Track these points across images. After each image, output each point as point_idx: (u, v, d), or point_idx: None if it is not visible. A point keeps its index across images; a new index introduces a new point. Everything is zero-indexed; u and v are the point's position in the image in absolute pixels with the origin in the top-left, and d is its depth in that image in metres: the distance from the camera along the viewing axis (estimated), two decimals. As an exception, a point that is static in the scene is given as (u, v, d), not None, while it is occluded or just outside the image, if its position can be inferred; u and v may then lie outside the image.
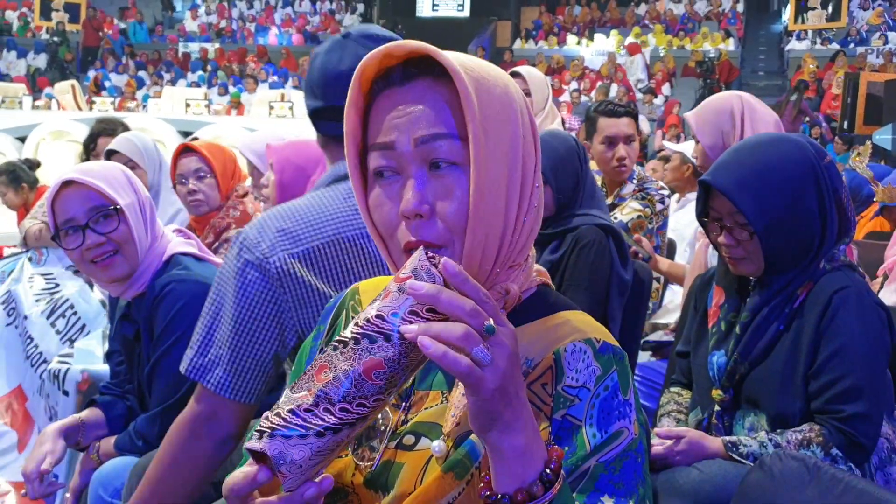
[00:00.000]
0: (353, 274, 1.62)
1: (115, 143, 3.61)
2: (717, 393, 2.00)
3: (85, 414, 2.33)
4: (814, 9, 18.81)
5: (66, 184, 2.11)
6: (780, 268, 1.92)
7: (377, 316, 0.83)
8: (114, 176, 2.16)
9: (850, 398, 1.79)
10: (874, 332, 1.84)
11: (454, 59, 0.97)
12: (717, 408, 2.01)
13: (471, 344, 0.81)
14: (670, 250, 4.27)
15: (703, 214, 2.02)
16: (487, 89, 0.98)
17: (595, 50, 20.52)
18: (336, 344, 0.84)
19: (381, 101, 1.02)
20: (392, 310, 0.83)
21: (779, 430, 1.86)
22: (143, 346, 2.21)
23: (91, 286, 3.80)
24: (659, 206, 3.55)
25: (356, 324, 0.84)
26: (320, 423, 0.83)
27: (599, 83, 16.97)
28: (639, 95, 17.05)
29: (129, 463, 2.13)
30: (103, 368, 2.72)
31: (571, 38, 21.53)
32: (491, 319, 0.83)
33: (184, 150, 3.29)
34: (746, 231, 1.90)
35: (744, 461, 1.81)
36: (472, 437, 0.98)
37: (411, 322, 0.82)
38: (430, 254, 0.87)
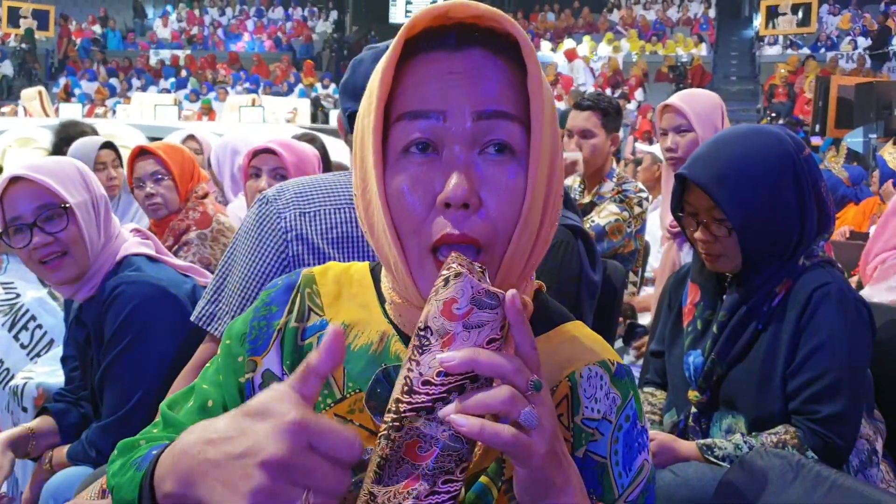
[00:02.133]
0: (358, 241, 1.69)
1: None
2: (693, 394, 1.93)
3: (35, 423, 2.22)
4: (784, 14, 18.99)
5: (16, 180, 2.00)
6: (758, 264, 1.85)
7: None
8: (66, 172, 2.06)
9: (828, 398, 1.73)
10: (855, 330, 1.78)
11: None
12: (693, 409, 1.94)
13: (517, 408, 0.70)
14: (644, 253, 4.23)
15: (678, 209, 1.95)
16: (544, 75, 0.86)
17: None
18: (410, 415, 0.72)
19: (426, 64, 0.85)
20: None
21: (754, 433, 1.79)
22: (93, 350, 2.11)
23: (53, 296, 3.70)
24: (637, 210, 3.48)
25: (427, 382, 0.72)
26: (448, 495, 0.73)
27: (572, 88, 16.98)
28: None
29: (83, 473, 2.04)
30: (62, 381, 2.63)
31: (545, 45, 21.56)
32: (535, 375, 0.72)
33: (140, 153, 3.17)
34: (724, 227, 1.83)
35: (720, 463, 1.74)
36: (482, 478, 0.88)
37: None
38: (478, 267, 0.75)
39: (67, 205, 2.00)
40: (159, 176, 3.10)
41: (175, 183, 3.10)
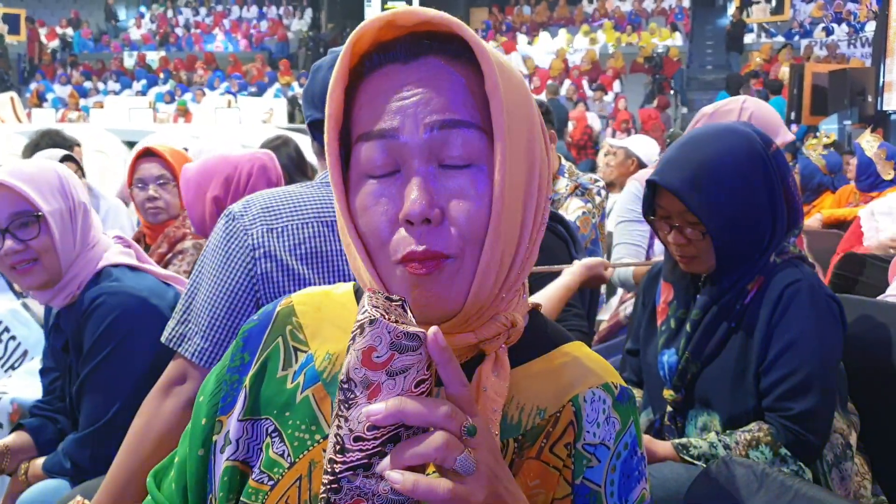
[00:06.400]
0: (327, 255, 1.67)
1: None
2: (668, 393, 1.93)
3: (10, 439, 2.20)
4: (758, 2, 19.10)
5: None
6: (731, 263, 1.85)
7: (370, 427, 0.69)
8: (45, 179, 2.04)
9: (800, 394, 1.74)
10: (826, 326, 1.78)
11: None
12: (668, 408, 1.95)
13: (452, 455, 0.68)
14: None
15: (650, 212, 1.94)
16: (508, 77, 0.83)
17: (545, 49, 20.57)
18: (348, 475, 0.69)
19: (378, 80, 0.83)
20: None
21: (728, 431, 1.80)
22: (71, 359, 2.10)
23: (27, 308, 3.66)
24: (598, 199, 3.51)
25: (359, 437, 0.68)
26: None
27: (549, 81, 16.99)
28: (589, 93, 17.13)
29: (58, 486, 2.02)
30: (37, 396, 2.60)
31: (522, 38, 21.57)
32: (469, 418, 0.70)
33: (145, 154, 3.16)
34: (698, 230, 1.83)
35: (695, 463, 1.75)
36: None
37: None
38: (396, 302, 0.72)
39: (40, 213, 1.99)
40: (163, 181, 3.08)
41: (178, 189, 3.07)
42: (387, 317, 0.69)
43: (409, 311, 0.73)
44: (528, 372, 0.91)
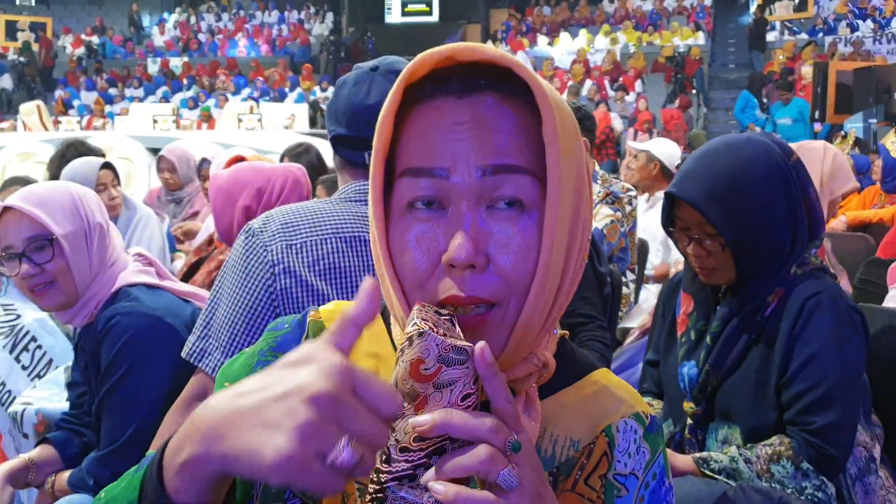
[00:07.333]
0: (345, 271, 1.67)
1: None
2: (688, 405, 1.92)
3: (35, 453, 2.23)
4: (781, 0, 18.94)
5: (8, 209, 2.04)
6: (751, 275, 1.84)
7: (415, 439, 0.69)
8: (57, 202, 2.06)
9: (822, 408, 1.72)
10: (848, 339, 1.76)
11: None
12: (689, 421, 1.93)
13: (496, 468, 0.67)
14: (643, 251, 4.21)
15: (669, 224, 1.93)
16: (563, 119, 0.79)
17: (565, 50, 20.50)
18: (393, 485, 0.70)
19: (430, 112, 0.80)
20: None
21: (749, 445, 1.78)
22: (90, 378, 2.12)
23: (53, 317, 3.70)
24: (628, 208, 3.50)
25: (405, 448, 0.69)
26: None
27: (571, 83, 16.93)
28: (610, 93, 17.04)
29: (84, 500, 2.04)
30: (61, 407, 2.63)
31: (542, 39, 21.52)
32: (514, 434, 0.69)
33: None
34: (717, 242, 1.81)
35: (716, 477, 1.73)
36: None
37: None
38: (445, 316, 0.73)
39: (53, 237, 2.02)
40: None
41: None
42: (436, 330, 0.69)
43: (457, 326, 0.74)
44: (560, 404, 0.90)
